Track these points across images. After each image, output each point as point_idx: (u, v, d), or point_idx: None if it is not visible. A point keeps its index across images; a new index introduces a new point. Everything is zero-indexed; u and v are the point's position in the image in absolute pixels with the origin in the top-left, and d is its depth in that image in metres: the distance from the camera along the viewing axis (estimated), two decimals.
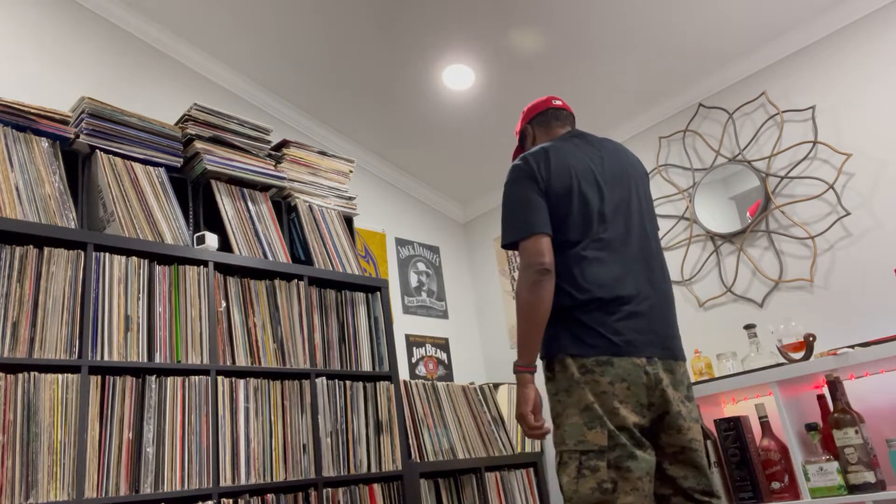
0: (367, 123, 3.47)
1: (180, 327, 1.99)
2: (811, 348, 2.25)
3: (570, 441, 1.53)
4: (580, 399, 1.54)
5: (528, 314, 1.57)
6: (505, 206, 1.69)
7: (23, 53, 2.51)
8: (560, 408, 1.57)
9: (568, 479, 1.51)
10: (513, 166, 1.72)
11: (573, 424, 1.53)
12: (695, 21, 2.81)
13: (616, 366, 1.54)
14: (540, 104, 1.93)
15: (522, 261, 1.60)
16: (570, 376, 1.56)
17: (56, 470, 1.64)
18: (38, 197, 1.87)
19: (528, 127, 1.93)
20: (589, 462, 1.49)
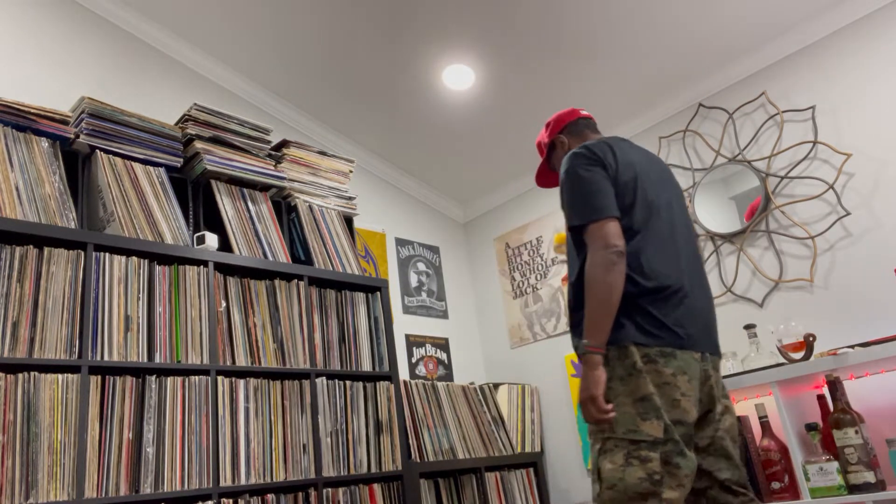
0: (367, 123, 3.47)
1: (180, 327, 1.99)
2: (811, 348, 2.25)
3: (619, 429, 1.52)
4: (638, 388, 1.53)
5: (603, 295, 1.55)
6: (573, 189, 1.68)
7: (23, 53, 2.51)
8: (611, 395, 1.55)
9: (612, 467, 1.50)
10: (576, 153, 1.72)
11: (625, 413, 1.52)
12: (695, 21, 2.81)
13: (679, 358, 1.56)
14: (568, 114, 1.99)
15: (596, 243, 1.59)
16: (630, 365, 1.55)
17: (56, 470, 1.64)
18: (38, 197, 1.87)
19: (561, 137, 1.96)
20: (639, 452, 1.49)
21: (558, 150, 1.97)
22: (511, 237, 3.90)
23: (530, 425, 3.41)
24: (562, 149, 1.96)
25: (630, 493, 1.47)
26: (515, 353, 3.77)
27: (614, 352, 1.57)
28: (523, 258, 3.81)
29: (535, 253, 3.76)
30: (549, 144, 1.99)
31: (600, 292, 1.55)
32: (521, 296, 3.79)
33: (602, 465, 1.52)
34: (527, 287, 3.77)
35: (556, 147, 1.98)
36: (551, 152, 2.00)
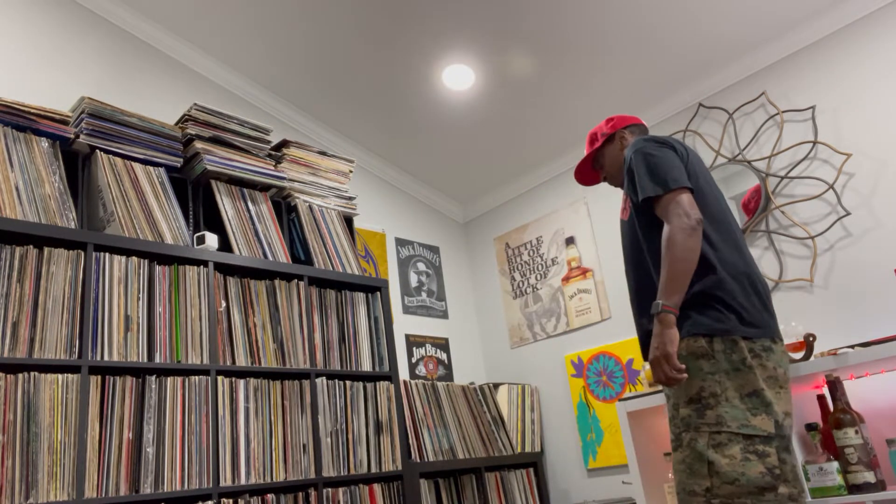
0: (367, 123, 3.47)
1: (180, 327, 1.99)
2: (811, 348, 2.25)
3: (732, 423, 1.50)
4: (747, 383, 1.53)
5: (683, 259, 1.55)
6: (647, 162, 1.70)
7: (22, 53, 2.51)
8: (718, 388, 1.53)
9: (731, 461, 1.48)
10: (645, 139, 1.77)
11: (735, 407, 1.51)
12: (695, 21, 2.81)
13: (775, 351, 1.59)
14: (633, 118, 2.05)
15: (675, 210, 1.60)
16: (739, 359, 1.54)
17: (56, 470, 1.64)
18: (38, 197, 1.87)
19: (624, 131, 2.00)
20: (755, 447, 1.48)
21: (615, 143, 2.00)
22: (511, 237, 3.90)
23: (530, 425, 3.41)
24: (621, 143, 1.99)
25: (751, 488, 1.45)
26: (515, 353, 3.77)
27: (722, 344, 1.56)
28: (523, 258, 3.81)
29: (535, 253, 3.76)
30: (609, 136, 2.01)
31: (680, 256, 1.55)
32: (521, 296, 3.79)
33: (716, 459, 1.49)
34: (527, 287, 3.76)
35: (615, 141, 2.00)
36: (606, 145, 2.02)
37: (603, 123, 2.05)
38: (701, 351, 1.56)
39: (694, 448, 1.52)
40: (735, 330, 1.56)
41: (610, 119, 2.04)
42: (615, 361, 3.30)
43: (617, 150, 2.00)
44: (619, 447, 3.14)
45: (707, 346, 1.56)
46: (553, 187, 3.76)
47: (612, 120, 2.03)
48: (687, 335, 1.58)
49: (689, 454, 1.52)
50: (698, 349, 1.56)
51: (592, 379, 3.37)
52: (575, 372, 3.44)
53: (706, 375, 1.54)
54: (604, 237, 3.47)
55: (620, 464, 3.14)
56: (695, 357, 1.56)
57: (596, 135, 2.06)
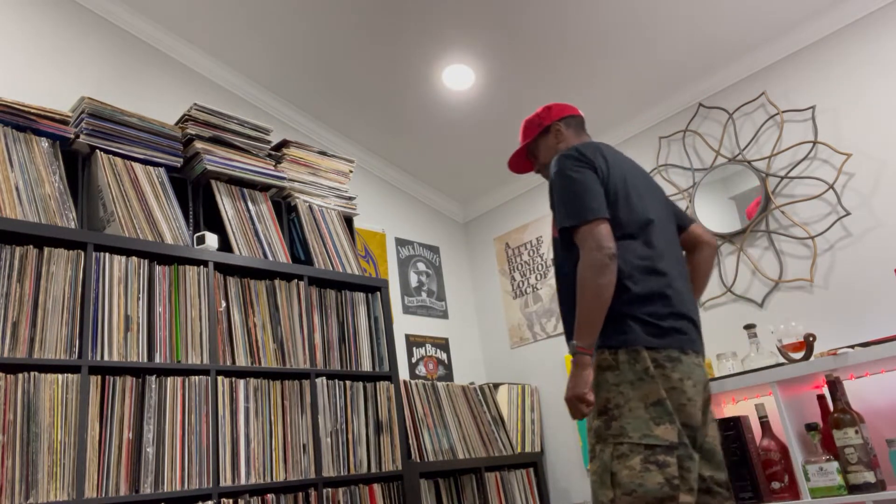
0: (367, 123, 3.47)
1: (180, 327, 1.99)
2: (811, 348, 2.25)
3: (634, 434, 1.51)
4: (650, 393, 1.53)
5: (595, 297, 1.55)
6: (564, 189, 1.68)
7: (22, 53, 2.51)
8: (622, 399, 1.54)
9: (630, 472, 1.48)
10: (566, 155, 1.73)
11: (638, 418, 1.52)
12: (695, 21, 2.81)
13: (684, 362, 1.58)
14: (570, 108, 1.98)
15: (588, 244, 1.59)
16: (641, 369, 1.55)
17: (56, 470, 1.64)
18: (38, 197, 1.87)
19: (559, 123, 1.93)
20: (656, 457, 1.49)
21: (551, 136, 1.94)
22: (511, 237, 3.90)
23: (530, 425, 3.41)
24: (556, 137, 1.93)
25: (649, 499, 1.46)
26: (515, 353, 3.77)
27: (626, 356, 1.56)
28: (523, 258, 3.81)
29: (535, 253, 3.76)
30: (544, 128, 1.95)
31: (592, 294, 1.55)
32: (521, 296, 3.79)
33: (618, 471, 1.50)
34: (527, 287, 3.76)
35: (550, 133, 1.94)
36: (542, 136, 1.96)
37: (540, 112, 1.97)
38: (606, 363, 1.58)
39: (602, 459, 1.53)
40: (637, 341, 1.57)
41: (546, 108, 1.97)
42: None
43: (552, 143, 1.93)
44: None
45: (611, 359, 1.58)
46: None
47: (548, 109, 1.96)
48: (599, 348, 1.60)
49: (598, 466, 1.54)
50: (603, 361, 1.58)
51: None
52: None
53: (611, 387, 1.56)
54: None
55: None
56: (601, 370, 1.58)
57: (531, 124, 1.98)
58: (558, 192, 1.69)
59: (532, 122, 1.97)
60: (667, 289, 1.64)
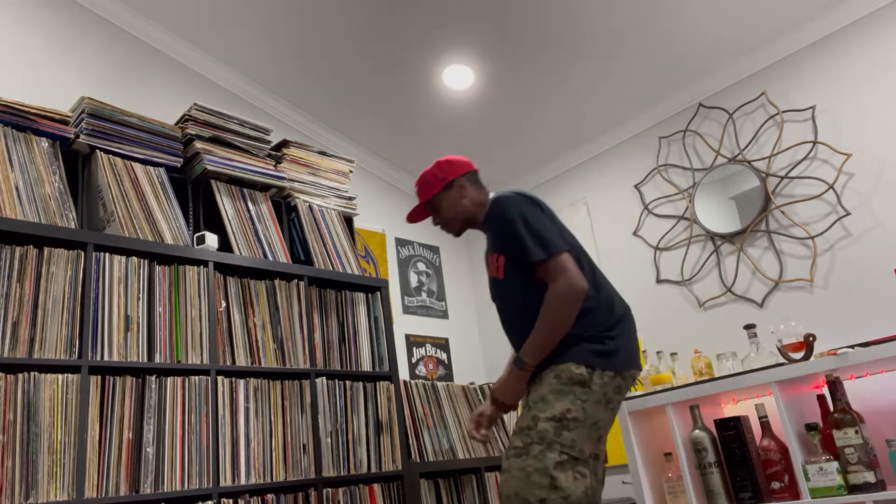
0: (367, 123, 3.47)
1: (180, 327, 1.99)
2: (811, 348, 2.25)
3: (575, 447, 1.61)
4: (599, 415, 1.66)
5: (562, 325, 1.66)
6: (527, 225, 1.73)
7: (23, 53, 2.51)
8: (582, 415, 1.63)
9: (567, 479, 1.58)
10: (512, 197, 1.80)
11: (584, 434, 1.63)
12: (695, 21, 2.81)
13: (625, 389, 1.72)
14: (469, 163, 2.01)
15: (564, 275, 1.66)
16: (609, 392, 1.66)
17: (56, 470, 1.64)
18: (38, 197, 1.87)
19: (462, 178, 1.95)
20: (580, 468, 1.62)
21: (454, 191, 1.94)
22: None
23: None
24: (459, 192, 1.94)
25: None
26: None
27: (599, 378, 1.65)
28: None
29: None
30: (447, 183, 1.94)
31: (561, 321, 1.66)
32: None
33: (559, 476, 1.58)
34: None
35: (454, 188, 1.94)
36: (444, 191, 1.95)
37: (436, 168, 1.97)
38: (580, 378, 1.65)
39: (541, 461, 1.59)
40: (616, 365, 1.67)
41: (446, 162, 1.97)
42: None
43: (455, 197, 1.94)
44: (619, 447, 3.14)
45: (587, 375, 1.65)
46: (553, 187, 3.76)
47: (449, 164, 1.97)
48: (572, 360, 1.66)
49: (532, 464, 1.60)
50: (578, 375, 1.65)
51: None
52: None
53: (576, 401, 1.63)
54: (604, 237, 3.46)
55: (620, 464, 3.14)
56: (572, 381, 1.65)
57: (434, 179, 1.97)
58: (519, 229, 1.74)
59: (434, 177, 1.96)
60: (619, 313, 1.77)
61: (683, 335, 3.06)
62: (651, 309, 3.21)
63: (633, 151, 3.41)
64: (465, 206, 1.95)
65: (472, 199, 1.95)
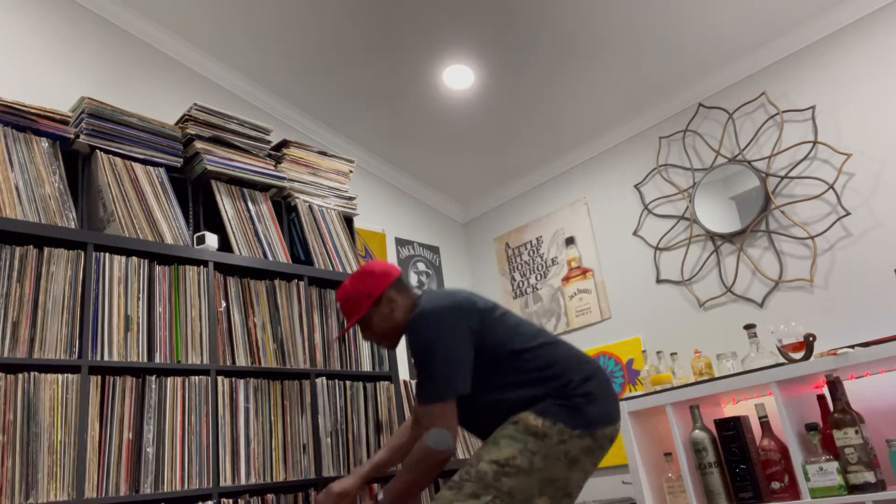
0: (367, 123, 3.47)
1: (180, 327, 1.99)
2: (811, 348, 2.25)
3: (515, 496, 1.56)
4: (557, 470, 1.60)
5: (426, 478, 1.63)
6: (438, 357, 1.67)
7: (23, 53, 2.51)
8: (527, 464, 1.58)
9: None
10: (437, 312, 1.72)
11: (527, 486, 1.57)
12: (695, 21, 2.81)
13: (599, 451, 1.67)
14: (392, 270, 1.93)
15: (437, 430, 1.63)
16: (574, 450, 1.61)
17: (56, 470, 1.64)
18: (38, 197, 1.87)
19: (390, 290, 1.88)
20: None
21: (383, 305, 1.87)
22: (511, 237, 3.90)
23: None
24: (389, 307, 1.87)
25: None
26: None
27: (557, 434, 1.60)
28: (523, 258, 3.81)
29: (535, 253, 3.76)
30: (375, 299, 1.87)
31: (425, 475, 1.62)
32: (521, 296, 3.79)
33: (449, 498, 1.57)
34: (527, 287, 3.76)
35: (383, 303, 1.87)
36: (373, 308, 1.88)
37: (358, 283, 1.88)
38: (535, 429, 1.61)
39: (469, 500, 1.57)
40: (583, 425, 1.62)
41: (363, 277, 1.89)
42: (615, 361, 3.30)
43: (386, 312, 1.87)
44: (619, 447, 3.14)
45: (544, 428, 1.61)
46: (553, 187, 3.76)
47: (369, 279, 1.88)
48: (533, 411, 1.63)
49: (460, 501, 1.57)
50: (534, 427, 1.61)
51: None
52: None
53: (525, 451, 1.59)
54: (604, 237, 3.47)
55: (620, 464, 3.14)
56: (527, 432, 1.61)
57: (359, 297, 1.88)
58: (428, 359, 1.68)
59: (359, 294, 1.88)
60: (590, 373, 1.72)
61: (683, 335, 3.06)
62: (651, 309, 3.21)
63: (633, 151, 3.41)
64: (398, 319, 1.86)
65: (403, 309, 1.87)
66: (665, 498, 2.56)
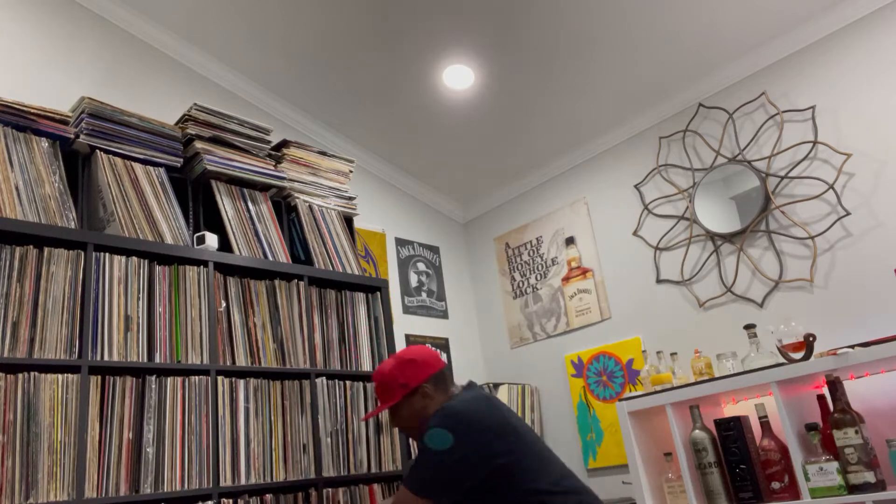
0: (367, 123, 3.47)
1: (180, 327, 1.99)
2: (811, 348, 2.25)
3: None
4: None
5: None
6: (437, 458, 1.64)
7: (23, 53, 2.51)
8: None
9: None
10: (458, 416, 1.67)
11: None
12: (695, 21, 2.81)
13: None
14: (435, 363, 1.87)
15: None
16: None
17: (56, 470, 1.64)
18: (38, 197, 1.87)
19: (427, 385, 1.82)
20: None
21: (417, 398, 1.82)
22: (511, 237, 3.90)
23: (530, 425, 3.41)
24: (423, 399, 1.81)
25: None
26: (515, 353, 3.77)
27: None
28: (523, 258, 3.81)
29: (535, 253, 3.76)
30: (410, 390, 1.82)
31: None
32: (521, 296, 3.79)
33: None
34: (527, 287, 3.76)
35: (417, 395, 1.82)
36: (408, 396, 1.82)
37: (397, 371, 1.83)
38: None
39: None
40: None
41: (404, 365, 1.84)
42: (615, 361, 3.30)
43: (418, 406, 1.81)
44: (619, 447, 3.14)
45: None
46: (553, 187, 3.76)
47: (409, 368, 1.83)
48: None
49: None
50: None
51: (592, 379, 3.37)
52: (575, 372, 3.44)
53: None
54: (604, 237, 3.47)
55: (620, 464, 3.14)
56: None
57: (393, 383, 1.84)
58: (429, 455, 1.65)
59: (395, 382, 1.83)
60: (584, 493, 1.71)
61: (683, 335, 3.06)
62: (651, 309, 3.21)
63: (633, 151, 3.41)
64: (428, 415, 1.76)
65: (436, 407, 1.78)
66: (665, 498, 2.56)
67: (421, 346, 1.94)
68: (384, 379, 1.85)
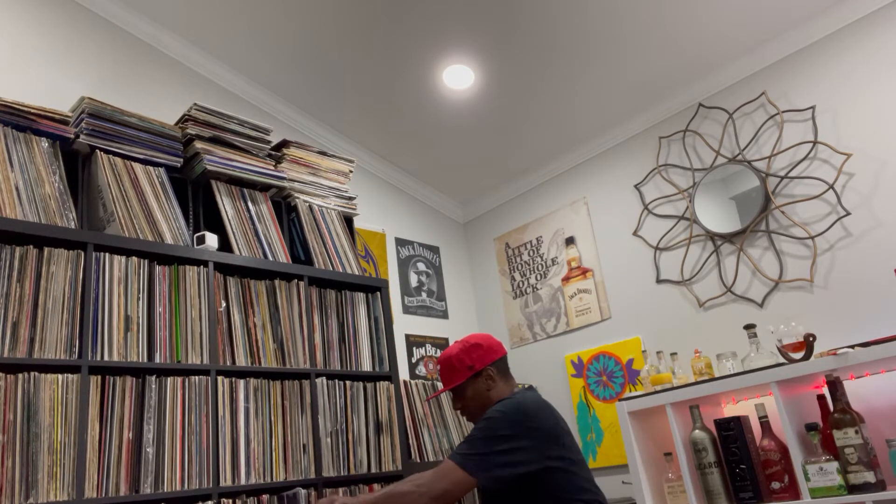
0: (367, 123, 3.47)
1: (180, 327, 1.99)
2: (811, 348, 2.25)
3: None
4: None
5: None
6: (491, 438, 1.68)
7: (23, 53, 2.51)
8: None
9: None
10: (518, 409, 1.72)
11: None
12: (695, 21, 2.81)
13: None
14: (499, 349, 1.94)
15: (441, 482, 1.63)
16: None
17: (56, 470, 1.64)
18: (38, 197, 1.87)
19: (490, 368, 1.90)
20: None
21: (481, 381, 1.89)
22: (511, 237, 3.90)
23: None
24: (486, 384, 1.89)
25: None
26: (515, 353, 3.76)
27: None
28: (523, 258, 3.81)
29: (535, 253, 3.76)
30: (476, 372, 1.90)
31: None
32: (520, 296, 3.79)
33: None
34: (527, 287, 3.76)
35: (481, 377, 1.90)
36: (473, 378, 1.90)
37: (464, 354, 1.91)
38: None
39: None
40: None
41: (475, 346, 1.92)
42: (615, 361, 3.30)
43: (482, 389, 1.89)
44: (619, 447, 3.14)
45: None
46: (553, 187, 3.76)
47: (479, 349, 1.91)
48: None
49: None
50: None
51: (592, 379, 3.37)
52: (575, 372, 3.44)
53: None
54: (604, 237, 3.46)
55: (620, 464, 3.14)
56: None
57: (457, 367, 1.91)
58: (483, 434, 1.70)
59: (461, 363, 1.90)
60: None
61: (683, 335, 3.06)
62: (651, 309, 3.21)
63: (632, 151, 3.41)
64: (491, 399, 1.87)
65: (498, 393, 1.88)
66: (665, 498, 2.56)
67: (484, 334, 2.01)
68: (451, 361, 1.92)
